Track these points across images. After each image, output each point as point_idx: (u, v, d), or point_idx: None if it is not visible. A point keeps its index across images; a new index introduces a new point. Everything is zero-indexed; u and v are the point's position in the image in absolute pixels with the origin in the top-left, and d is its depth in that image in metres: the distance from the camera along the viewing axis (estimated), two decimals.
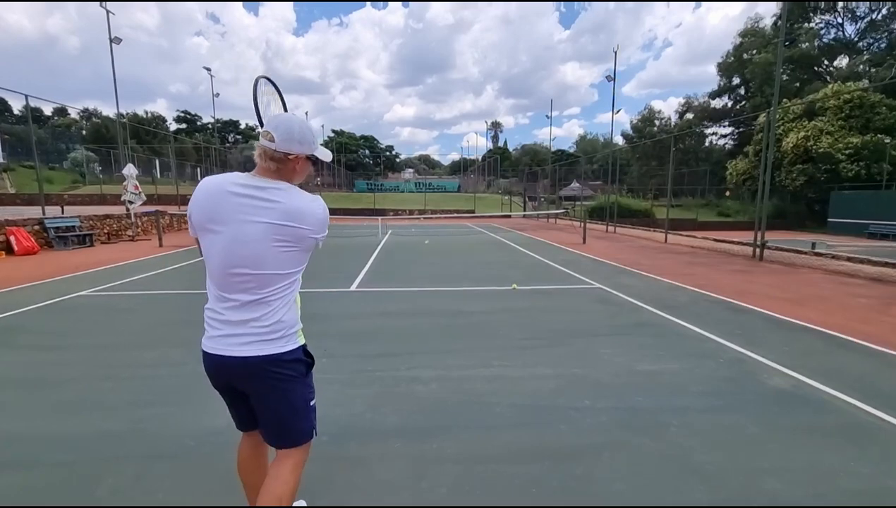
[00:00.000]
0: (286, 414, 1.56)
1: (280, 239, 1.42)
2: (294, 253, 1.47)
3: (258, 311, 1.46)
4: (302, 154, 1.49)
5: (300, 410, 1.58)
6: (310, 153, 1.51)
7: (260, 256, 1.42)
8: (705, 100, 43.12)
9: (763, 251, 10.90)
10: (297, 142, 1.46)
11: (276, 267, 1.45)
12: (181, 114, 66.24)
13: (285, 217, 1.41)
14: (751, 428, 2.82)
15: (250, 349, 1.46)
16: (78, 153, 42.09)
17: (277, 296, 1.48)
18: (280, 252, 1.44)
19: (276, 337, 1.49)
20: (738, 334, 4.72)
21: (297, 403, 1.57)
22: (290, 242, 1.44)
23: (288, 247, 1.45)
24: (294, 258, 1.49)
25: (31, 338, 4.52)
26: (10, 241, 10.55)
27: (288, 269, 1.49)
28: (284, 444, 1.59)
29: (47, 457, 2.45)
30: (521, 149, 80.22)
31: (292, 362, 1.53)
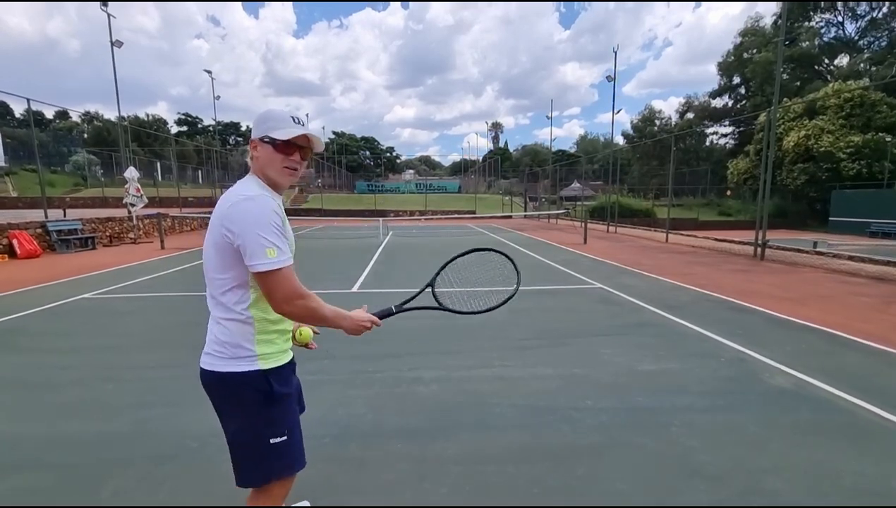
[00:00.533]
0: (234, 445, 1.41)
1: (215, 242, 1.32)
2: (224, 256, 1.31)
3: (211, 322, 1.40)
4: (255, 137, 1.37)
5: (249, 445, 1.39)
6: (261, 135, 1.36)
7: (207, 264, 1.37)
8: (706, 99, 43.09)
9: (764, 250, 10.89)
10: (254, 127, 1.39)
11: (213, 274, 1.35)
12: (182, 116, 66.49)
13: (216, 215, 1.33)
14: (752, 428, 2.82)
15: (205, 360, 1.41)
16: (80, 156, 42.22)
17: (221, 310, 1.36)
18: (215, 258, 1.33)
19: (223, 354, 1.36)
20: (740, 333, 4.72)
21: (245, 436, 1.39)
22: (218, 242, 1.31)
23: (219, 251, 1.31)
24: (225, 264, 1.31)
25: (34, 341, 4.54)
26: (12, 245, 10.59)
27: (222, 276, 1.33)
28: (238, 481, 1.43)
29: (51, 459, 2.46)
30: (522, 149, 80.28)
31: (241, 386, 1.36)
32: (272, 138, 1.35)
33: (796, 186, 25.72)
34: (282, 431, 1.40)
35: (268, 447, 1.38)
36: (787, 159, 25.48)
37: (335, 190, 47.46)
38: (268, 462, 1.40)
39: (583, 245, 13.95)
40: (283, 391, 1.40)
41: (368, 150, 77.64)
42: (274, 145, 1.35)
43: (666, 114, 46.68)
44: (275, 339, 1.42)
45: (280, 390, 1.39)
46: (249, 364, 1.36)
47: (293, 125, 1.37)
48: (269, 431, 1.38)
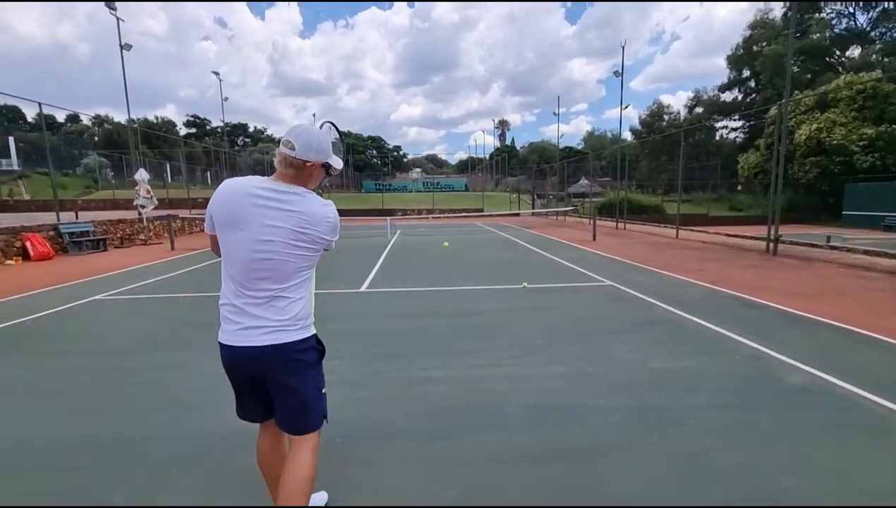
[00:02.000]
0: (303, 400, 1.67)
1: (296, 242, 1.56)
2: (307, 253, 1.61)
3: (277, 304, 1.59)
4: (318, 161, 1.63)
5: (315, 396, 1.70)
6: (325, 161, 1.65)
7: (278, 256, 1.55)
8: (715, 93, 42.51)
9: (777, 245, 10.73)
10: (314, 151, 1.60)
11: (292, 266, 1.59)
12: (191, 118, 67.09)
13: (301, 222, 1.55)
14: (768, 426, 2.77)
15: (270, 338, 1.58)
16: (91, 159, 42.74)
17: (294, 291, 1.61)
18: (296, 253, 1.58)
19: (293, 327, 1.61)
20: (753, 330, 4.64)
21: (312, 390, 1.69)
22: (305, 244, 1.58)
23: (302, 249, 1.58)
24: (308, 258, 1.62)
25: (47, 343, 4.59)
26: (26, 247, 10.75)
27: (302, 266, 1.62)
28: (301, 430, 1.69)
29: (64, 462, 2.48)
30: (529, 146, 79.87)
31: (307, 349, 1.66)
32: (332, 167, 1.70)
33: (808, 180, 25.31)
34: (325, 382, 1.78)
35: (321, 395, 1.75)
36: (799, 153, 25.07)
37: (342, 189, 47.58)
38: (322, 407, 1.75)
39: (591, 242, 13.85)
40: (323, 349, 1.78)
41: (375, 149, 77.76)
42: (327, 169, 1.70)
43: (674, 108, 46.16)
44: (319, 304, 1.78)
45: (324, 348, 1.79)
46: (311, 330, 1.69)
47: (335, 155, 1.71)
48: (322, 383, 1.76)
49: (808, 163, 24.98)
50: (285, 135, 1.61)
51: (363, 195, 42.64)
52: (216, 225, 1.61)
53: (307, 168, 1.62)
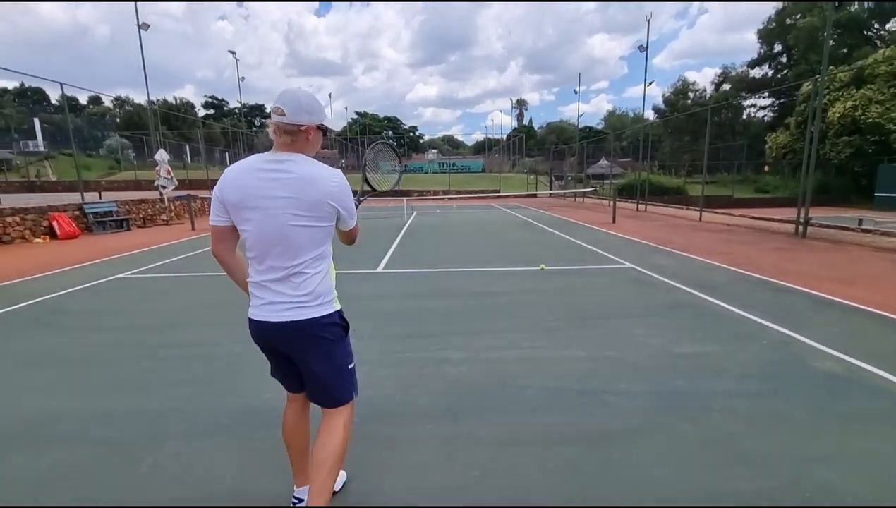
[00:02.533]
0: (329, 375, 1.67)
1: (300, 211, 1.51)
2: (315, 223, 1.55)
3: (294, 280, 1.57)
4: (312, 124, 1.56)
5: (340, 371, 1.70)
6: (319, 123, 1.58)
7: (287, 230, 1.52)
8: (744, 69, 40.79)
9: (806, 228, 10.34)
10: (305, 112, 1.53)
11: (303, 239, 1.55)
12: (209, 99, 67.50)
13: (300, 186, 1.50)
14: (800, 414, 2.67)
15: (290, 314, 1.57)
16: (113, 140, 43.53)
17: (309, 266, 1.58)
18: (303, 224, 1.53)
19: (313, 303, 1.59)
20: (783, 315, 4.49)
21: (337, 364, 1.69)
22: (309, 213, 1.52)
23: (310, 218, 1.53)
24: (317, 230, 1.57)
25: (74, 319, 4.71)
26: (53, 226, 11.03)
27: (315, 239, 1.57)
28: (330, 404, 1.71)
29: (92, 434, 2.54)
30: (547, 127, 78.35)
31: (329, 325, 1.63)
32: (328, 129, 1.63)
33: (840, 160, 24.24)
34: (353, 358, 1.77)
35: (349, 371, 1.74)
36: (832, 131, 23.97)
37: (358, 170, 47.54)
38: (350, 383, 1.74)
39: (611, 224, 13.58)
40: (349, 324, 1.76)
41: (391, 130, 77.30)
42: (325, 133, 1.64)
43: (700, 85, 44.58)
44: (336, 285, 1.73)
45: (348, 324, 1.76)
46: (333, 306, 1.66)
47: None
48: (349, 359, 1.74)
49: (841, 143, 23.91)
50: (274, 102, 1.54)
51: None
52: (228, 208, 1.55)
53: (302, 132, 1.55)
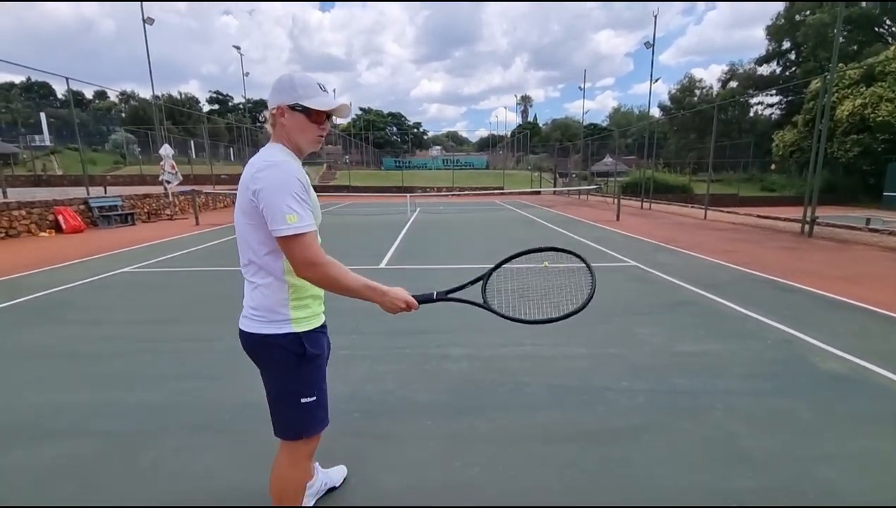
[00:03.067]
0: (270, 401, 1.51)
1: (239, 204, 1.38)
2: (247, 217, 1.35)
3: (247, 289, 1.46)
4: (283, 104, 1.36)
5: (285, 401, 1.48)
6: (291, 102, 1.35)
7: (238, 225, 1.40)
8: (751, 66, 40.40)
9: (813, 227, 10.25)
10: (276, 91, 1.36)
11: (243, 236, 1.39)
12: (213, 94, 67.59)
13: (244, 179, 1.34)
14: (803, 414, 2.65)
15: (244, 323, 1.46)
16: (118, 135, 43.69)
17: (253, 274, 1.42)
18: (244, 221, 1.37)
19: (260, 318, 1.42)
20: (787, 314, 4.45)
21: (280, 394, 1.48)
22: (241, 204, 1.36)
23: (242, 211, 1.36)
24: (249, 225, 1.35)
25: (78, 313, 4.73)
26: (58, 220, 11.10)
27: (255, 243, 1.37)
28: (275, 432, 1.54)
29: (94, 427, 2.55)
30: (552, 123, 78.00)
31: (276, 347, 1.42)
32: (305, 107, 1.35)
33: (848, 159, 24.02)
34: (311, 391, 1.48)
35: (300, 405, 1.47)
36: (840, 130, 23.74)
37: (362, 166, 47.59)
38: (299, 420, 1.50)
39: (615, 221, 13.52)
40: (314, 352, 1.46)
41: (395, 126, 77.21)
42: (308, 114, 1.36)
43: (707, 83, 44.18)
44: (309, 304, 1.47)
45: (311, 351, 1.44)
46: (285, 326, 1.41)
47: (323, 93, 1.38)
48: (301, 390, 1.47)
49: (850, 141, 23.68)
50: None
51: (383, 172, 42.56)
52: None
53: (275, 116, 1.38)
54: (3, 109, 41.99)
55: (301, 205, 1.29)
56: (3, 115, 40.79)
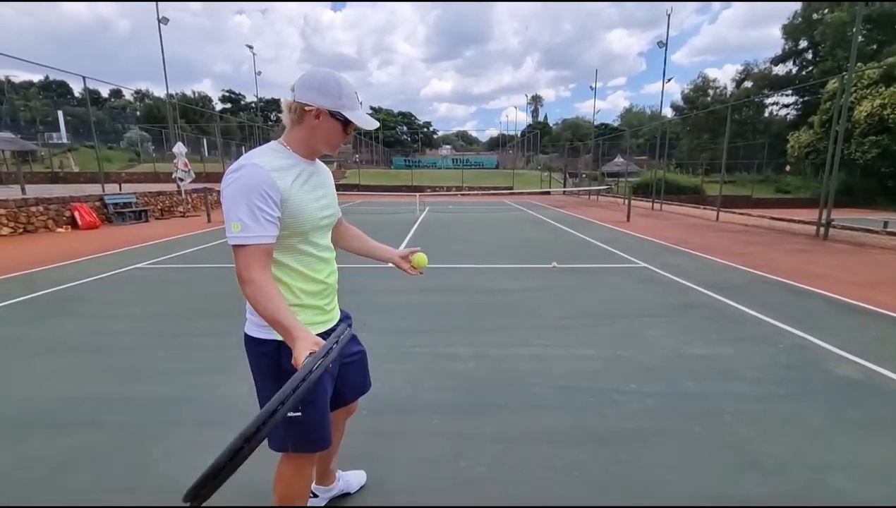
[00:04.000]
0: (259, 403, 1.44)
1: None
2: None
3: None
4: (323, 107, 1.27)
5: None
6: (333, 109, 1.28)
7: None
8: (766, 66, 39.77)
9: (828, 229, 10.08)
10: (315, 90, 1.26)
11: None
12: (226, 93, 68.26)
13: None
14: (816, 419, 2.61)
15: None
16: (133, 133, 44.33)
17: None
18: None
19: (250, 316, 1.42)
20: (800, 318, 4.38)
21: (262, 401, 1.42)
22: None
23: None
24: None
25: (94, 308, 4.82)
26: (74, 217, 11.30)
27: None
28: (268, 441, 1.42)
29: (108, 419, 2.60)
30: (562, 123, 77.56)
31: (256, 352, 1.40)
32: (346, 119, 1.32)
33: (866, 161, 23.54)
34: (295, 407, 1.27)
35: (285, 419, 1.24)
36: (858, 131, 23.28)
37: (372, 165, 47.72)
38: (286, 434, 1.39)
39: (626, 222, 13.41)
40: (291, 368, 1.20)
41: (405, 125, 77.31)
42: (344, 124, 1.33)
43: (721, 82, 43.60)
44: (298, 312, 1.38)
45: (288, 367, 1.19)
46: (266, 331, 1.34)
47: (359, 107, 1.36)
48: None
49: (868, 143, 23.21)
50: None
51: (392, 171, 42.66)
52: None
53: (307, 115, 1.29)
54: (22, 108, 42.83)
55: (252, 215, 1.20)
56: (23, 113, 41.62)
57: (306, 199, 1.34)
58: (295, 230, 1.33)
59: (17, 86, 48.51)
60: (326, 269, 1.48)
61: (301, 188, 1.33)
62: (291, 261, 1.38)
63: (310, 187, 1.37)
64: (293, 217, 1.30)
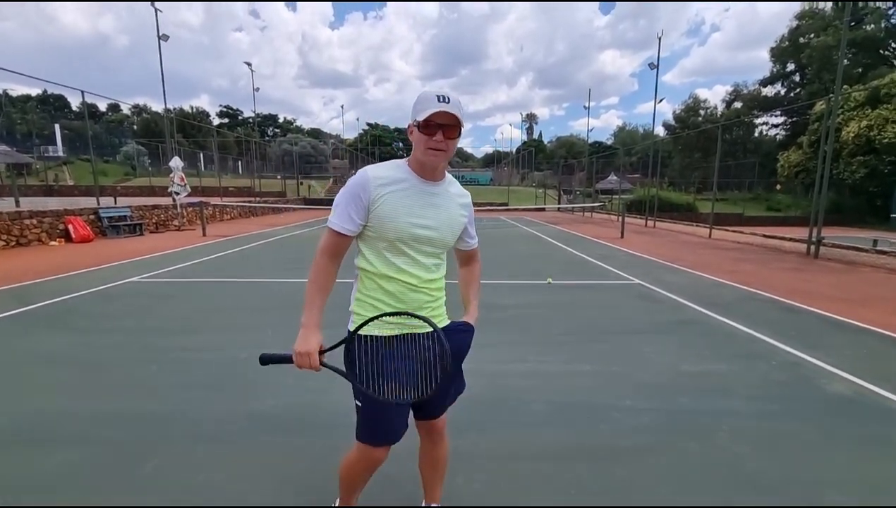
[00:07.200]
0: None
1: None
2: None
3: None
4: (411, 122, 1.42)
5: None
6: (414, 119, 1.40)
7: None
8: (756, 88, 40.76)
9: (819, 248, 10.21)
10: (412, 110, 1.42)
11: None
12: (224, 109, 68.83)
13: None
14: (809, 437, 2.63)
15: None
16: (129, 147, 44.45)
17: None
18: None
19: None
20: (793, 335, 4.42)
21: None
22: None
23: None
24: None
25: (86, 321, 4.77)
26: (68, 230, 11.25)
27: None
28: None
29: (99, 435, 2.56)
30: (557, 141, 78.63)
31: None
32: (417, 121, 1.39)
33: (854, 180, 24.02)
34: (358, 396, 1.51)
35: (357, 408, 1.54)
36: (846, 151, 23.79)
37: None
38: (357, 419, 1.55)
39: (619, 239, 13.52)
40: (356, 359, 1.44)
41: (402, 141, 77.99)
42: (418, 128, 1.38)
43: (711, 103, 44.55)
44: (372, 302, 1.48)
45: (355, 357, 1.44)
46: (350, 319, 1.52)
47: (435, 104, 1.33)
48: (356, 394, 1.52)
49: (856, 163, 23.72)
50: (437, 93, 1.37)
51: None
52: None
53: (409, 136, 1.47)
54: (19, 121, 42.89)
55: (340, 206, 1.42)
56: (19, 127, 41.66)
57: (399, 212, 1.40)
58: (381, 235, 1.43)
59: (15, 99, 48.67)
60: (405, 284, 1.46)
61: (399, 200, 1.40)
62: (375, 261, 1.47)
63: (412, 202, 1.42)
64: (379, 222, 1.40)
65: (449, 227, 1.51)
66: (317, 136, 69.58)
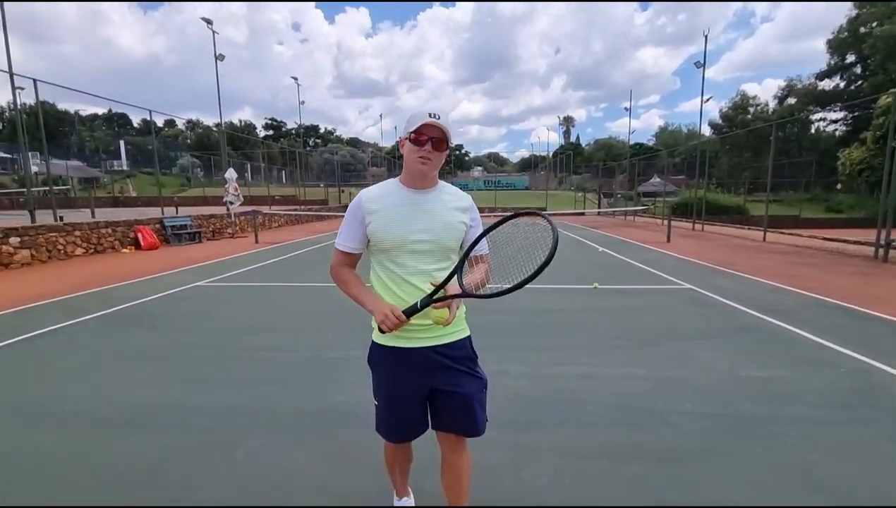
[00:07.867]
0: None
1: None
2: None
3: None
4: (402, 137, 1.58)
5: None
6: (405, 133, 1.53)
7: None
8: (811, 81, 38.52)
9: (888, 251, 9.58)
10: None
11: None
12: (269, 121, 71.98)
13: None
14: (883, 445, 2.55)
15: None
16: (184, 159, 47.25)
17: None
18: None
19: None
20: (861, 342, 4.23)
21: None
22: None
23: None
24: None
25: (164, 322, 5.21)
26: (137, 238, 12.16)
27: None
28: None
29: (193, 423, 2.84)
30: (595, 143, 77.02)
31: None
32: (409, 133, 1.51)
33: None
34: (376, 397, 1.69)
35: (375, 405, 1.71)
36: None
37: None
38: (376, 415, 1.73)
39: (666, 243, 13.16)
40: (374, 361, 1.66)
41: None
42: (409, 139, 1.50)
43: (762, 99, 42.45)
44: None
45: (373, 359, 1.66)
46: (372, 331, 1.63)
47: (426, 119, 1.44)
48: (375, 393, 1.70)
49: None
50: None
51: None
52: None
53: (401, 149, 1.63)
54: (88, 138, 46.55)
55: (342, 228, 1.60)
56: (88, 144, 45.21)
57: (392, 223, 1.51)
58: (379, 246, 1.56)
59: (84, 118, 52.88)
60: (411, 292, 1.51)
61: (390, 213, 1.52)
62: (381, 272, 1.59)
63: (404, 211, 1.52)
64: (375, 235, 1.54)
65: (444, 230, 1.55)
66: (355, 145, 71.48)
